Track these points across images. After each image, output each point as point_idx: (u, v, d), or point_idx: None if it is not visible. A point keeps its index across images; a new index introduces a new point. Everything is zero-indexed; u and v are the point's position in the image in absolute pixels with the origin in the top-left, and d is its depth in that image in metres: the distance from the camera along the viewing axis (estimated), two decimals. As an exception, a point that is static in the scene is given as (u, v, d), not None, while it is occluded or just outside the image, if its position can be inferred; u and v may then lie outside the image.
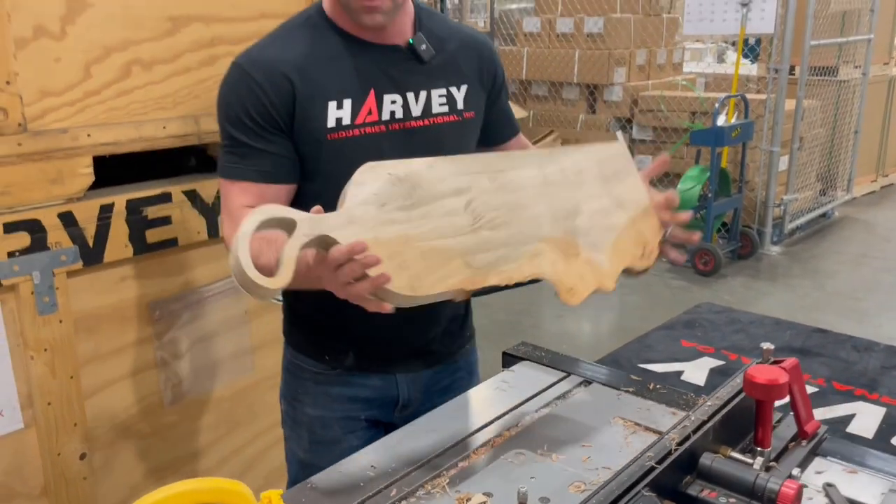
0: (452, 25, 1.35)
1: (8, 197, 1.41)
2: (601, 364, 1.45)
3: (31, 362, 1.50)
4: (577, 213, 1.16)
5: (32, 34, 1.42)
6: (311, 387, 1.37)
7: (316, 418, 1.36)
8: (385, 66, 1.21)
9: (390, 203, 1.00)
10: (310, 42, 1.21)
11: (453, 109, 1.28)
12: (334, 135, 1.19)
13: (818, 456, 1.04)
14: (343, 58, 1.21)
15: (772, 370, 0.99)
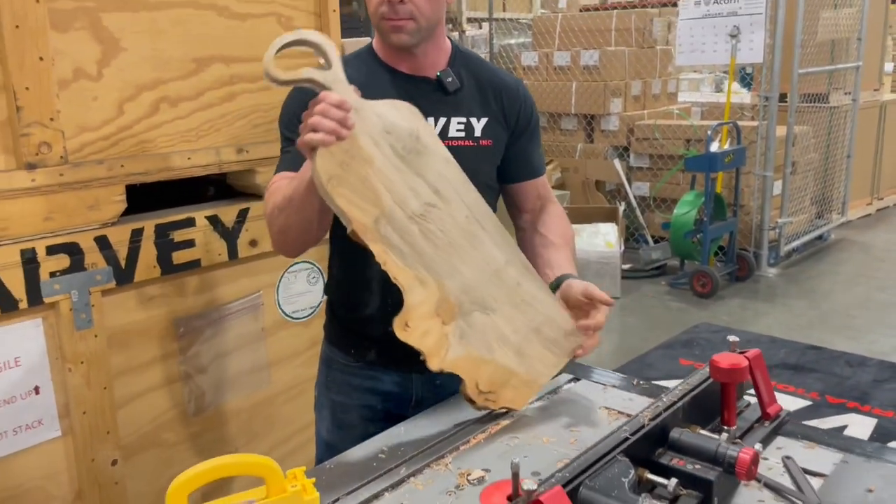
0: (489, 67, 1.52)
1: (51, 222, 1.56)
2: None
3: (69, 374, 1.63)
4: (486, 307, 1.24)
5: (73, 76, 1.58)
6: (338, 376, 1.55)
7: (339, 403, 1.54)
8: (413, 93, 1.38)
9: (393, 134, 1.17)
10: (356, 68, 1.39)
11: (470, 136, 1.44)
12: None
13: (780, 435, 1.17)
14: (380, 83, 1.40)
15: (734, 357, 1.12)
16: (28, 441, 1.61)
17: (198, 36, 1.76)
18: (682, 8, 4.99)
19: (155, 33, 1.69)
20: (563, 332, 1.29)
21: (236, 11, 1.81)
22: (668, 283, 4.94)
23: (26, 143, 1.51)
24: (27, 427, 1.60)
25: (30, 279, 1.54)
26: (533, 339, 1.26)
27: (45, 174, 1.54)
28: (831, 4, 5.52)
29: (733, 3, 4.74)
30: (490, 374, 1.22)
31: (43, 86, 1.51)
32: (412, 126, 1.23)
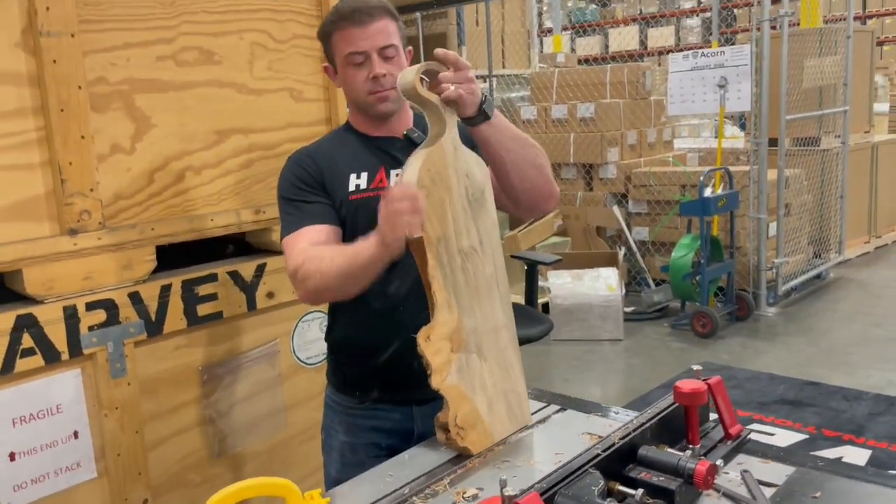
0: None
1: (90, 281, 1.74)
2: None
3: (105, 419, 1.79)
4: (481, 355, 1.44)
5: (109, 151, 1.78)
6: (344, 418, 1.70)
7: (346, 444, 1.68)
8: (390, 151, 1.65)
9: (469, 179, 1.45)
10: (339, 141, 1.69)
11: None
12: (354, 196, 1.60)
13: (741, 453, 1.31)
14: (361, 147, 1.66)
15: (695, 382, 1.27)
16: (68, 482, 1.76)
17: (219, 111, 1.96)
18: (672, 61, 5.23)
19: (181, 110, 1.89)
20: (520, 406, 1.49)
21: (253, 88, 2.02)
22: (670, 324, 5.07)
23: (69, 212, 1.70)
24: (67, 469, 1.76)
25: (71, 333, 1.72)
26: (501, 399, 1.45)
27: (86, 238, 1.73)
28: (815, 53, 5.75)
29: (720, 56, 4.98)
30: (466, 413, 1.38)
31: (84, 161, 1.71)
32: (482, 182, 1.48)
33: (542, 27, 9.62)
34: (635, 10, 12.56)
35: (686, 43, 11.77)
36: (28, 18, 1.63)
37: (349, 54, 1.57)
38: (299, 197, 1.60)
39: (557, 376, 4.36)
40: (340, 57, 1.59)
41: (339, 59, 1.61)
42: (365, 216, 1.58)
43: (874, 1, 12.28)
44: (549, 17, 9.84)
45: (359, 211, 1.59)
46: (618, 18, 12.64)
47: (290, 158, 1.68)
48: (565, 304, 4.83)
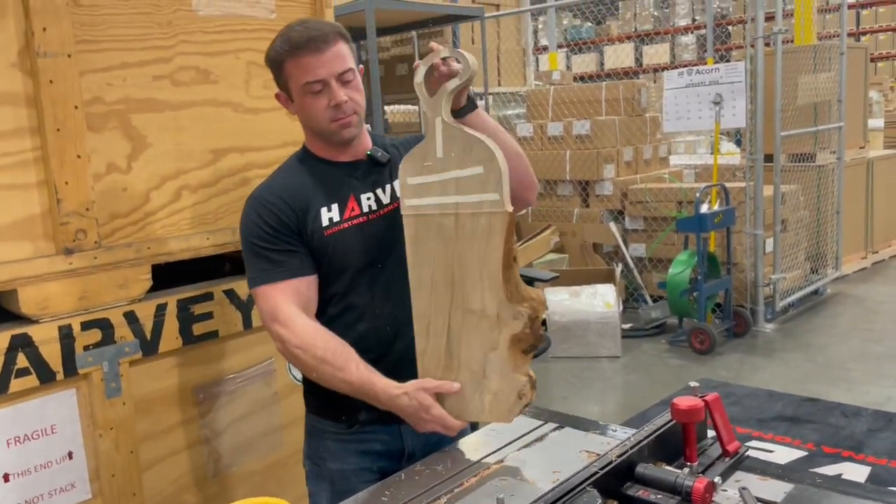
0: (392, 139, 1.80)
1: (85, 300, 1.73)
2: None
3: (100, 439, 1.78)
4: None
5: (105, 170, 1.78)
6: (331, 445, 1.66)
7: (336, 471, 1.64)
8: (356, 175, 1.65)
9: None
10: (301, 172, 1.65)
11: None
12: (329, 231, 1.59)
13: (739, 470, 1.31)
14: (325, 176, 1.63)
15: (692, 400, 1.27)
16: (62, 503, 1.75)
17: (215, 130, 1.97)
18: (667, 78, 5.26)
19: (177, 129, 1.90)
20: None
21: (249, 107, 2.02)
22: (668, 340, 5.07)
23: (65, 231, 1.70)
24: (61, 490, 1.74)
25: (66, 353, 1.71)
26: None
27: (81, 258, 1.72)
28: (810, 69, 5.79)
29: (714, 73, 5.01)
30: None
31: (80, 180, 1.71)
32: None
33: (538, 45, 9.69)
34: (630, 27, 12.66)
35: (681, 60, 11.86)
36: (25, 39, 1.64)
37: (307, 83, 1.54)
38: (272, 246, 1.56)
39: (556, 394, 4.34)
40: (297, 86, 1.56)
41: (295, 88, 1.57)
42: (341, 249, 1.58)
43: (868, 17, 12.40)
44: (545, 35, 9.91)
45: (335, 244, 1.58)
46: (613, 36, 12.74)
47: (254, 199, 1.62)
48: (563, 321, 4.82)
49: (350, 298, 1.61)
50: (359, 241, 1.60)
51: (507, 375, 1.39)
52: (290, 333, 1.51)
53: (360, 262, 1.61)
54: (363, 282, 1.61)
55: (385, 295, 1.62)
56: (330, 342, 1.50)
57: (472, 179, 1.38)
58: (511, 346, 1.38)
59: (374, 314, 1.61)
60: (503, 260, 1.35)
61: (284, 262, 1.56)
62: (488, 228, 1.36)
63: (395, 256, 1.61)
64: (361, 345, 1.58)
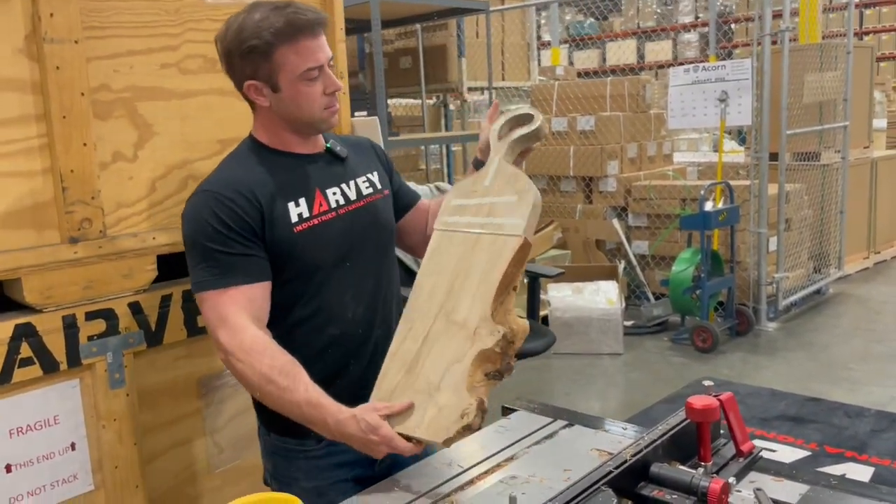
0: (344, 136, 1.77)
1: (90, 290, 1.71)
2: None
3: (103, 431, 1.76)
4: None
5: (111, 159, 1.76)
6: (302, 464, 1.54)
7: (311, 489, 1.53)
8: (318, 168, 1.58)
9: None
10: (256, 164, 1.54)
11: (376, 190, 1.66)
12: (299, 227, 1.50)
13: (753, 470, 1.29)
14: (285, 168, 1.55)
15: (707, 399, 1.25)
16: (64, 495, 1.73)
17: (221, 119, 1.94)
18: (673, 75, 5.23)
19: (183, 118, 1.88)
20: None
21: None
22: (670, 338, 5.05)
23: (70, 220, 1.67)
24: (63, 481, 1.73)
25: (70, 343, 1.69)
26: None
27: (86, 247, 1.70)
28: (816, 68, 5.77)
29: (720, 70, 4.99)
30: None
31: (86, 168, 1.69)
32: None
33: (541, 40, 9.66)
34: (633, 24, 12.63)
35: (684, 57, 11.84)
36: (31, 24, 1.61)
37: (308, 70, 1.44)
38: (224, 248, 1.43)
39: (559, 390, 4.33)
40: (293, 73, 1.44)
41: (288, 76, 1.44)
42: (312, 246, 1.50)
43: (871, 17, 12.36)
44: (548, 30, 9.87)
45: (305, 242, 1.49)
46: (616, 32, 12.70)
47: (206, 194, 1.47)
48: (565, 317, 4.81)
49: (322, 298, 1.52)
50: (330, 238, 1.53)
51: (459, 391, 1.27)
52: (237, 346, 1.38)
53: (331, 259, 1.53)
54: (334, 280, 1.53)
55: (355, 294, 1.55)
56: (278, 359, 1.37)
57: (504, 205, 1.39)
58: (476, 363, 1.28)
59: (344, 315, 1.54)
60: (503, 280, 1.30)
61: (238, 266, 1.43)
62: (501, 247, 1.34)
63: (363, 254, 1.57)
64: (332, 349, 1.53)
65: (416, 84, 6.78)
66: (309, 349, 1.51)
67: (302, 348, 1.48)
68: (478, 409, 1.24)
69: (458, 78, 6.70)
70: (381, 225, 1.64)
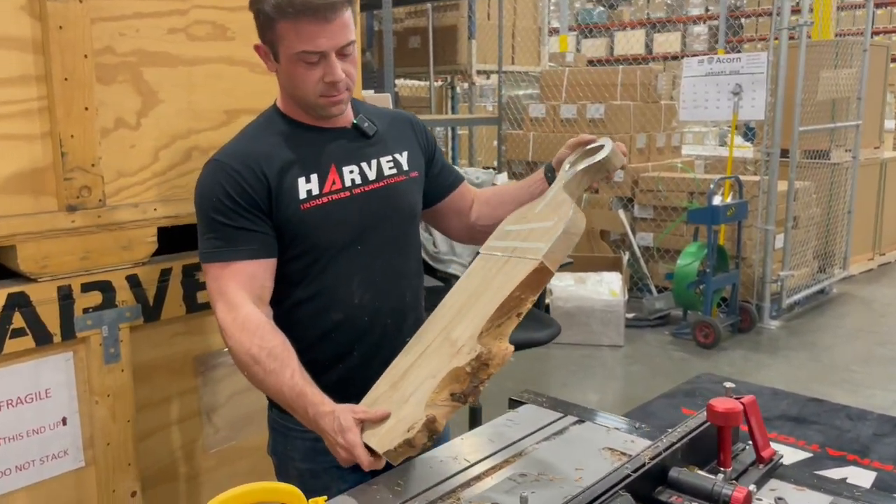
0: (379, 109, 1.65)
1: (87, 261, 1.65)
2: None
3: (96, 406, 1.71)
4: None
5: (114, 125, 1.69)
6: (299, 444, 1.49)
7: (306, 471, 1.49)
8: (339, 145, 1.49)
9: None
10: (273, 134, 1.47)
11: (400, 171, 1.55)
12: (307, 204, 1.42)
13: (773, 478, 1.24)
14: (303, 142, 1.46)
15: (730, 401, 1.19)
16: (53, 471, 1.67)
17: (229, 89, 1.87)
18: (686, 66, 5.15)
19: (190, 86, 1.80)
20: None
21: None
22: (671, 332, 5.00)
23: (68, 187, 1.61)
24: (53, 457, 1.67)
25: (64, 314, 1.63)
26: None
27: (84, 216, 1.64)
28: (831, 65, 5.68)
29: (735, 63, 4.90)
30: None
31: (87, 134, 1.62)
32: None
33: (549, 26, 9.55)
34: (643, 13, 12.51)
35: (691, 50, 11.73)
36: (34, -20, 1.54)
37: (304, 52, 1.33)
38: (230, 221, 1.38)
39: (556, 381, 4.28)
40: (289, 51, 1.35)
41: (286, 52, 1.36)
42: (319, 226, 1.42)
43: (883, 17, 12.24)
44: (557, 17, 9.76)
45: (311, 220, 1.42)
46: (625, 21, 12.58)
47: (216, 165, 1.42)
48: (567, 306, 4.75)
49: (327, 281, 1.45)
50: (339, 219, 1.44)
51: (419, 405, 1.19)
52: (230, 321, 1.35)
53: (338, 241, 1.45)
54: (340, 264, 1.45)
55: (364, 279, 1.47)
56: (269, 341, 1.32)
57: (540, 230, 1.35)
58: (446, 381, 1.20)
59: (350, 300, 1.46)
60: (506, 301, 1.23)
61: (242, 240, 1.38)
62: (517, 269, 1.28)
63: (376, 238, 1.49)
64: (335, 333, 1.47)
65: (425, 65, 6.70)
66: (310, 331, 1.46)
67: (303, 330, 1.44)
68: (425, 426, 1.15)
69: (467, 60, 6.61)
70: (401, 209, 1.54)
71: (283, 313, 1.45)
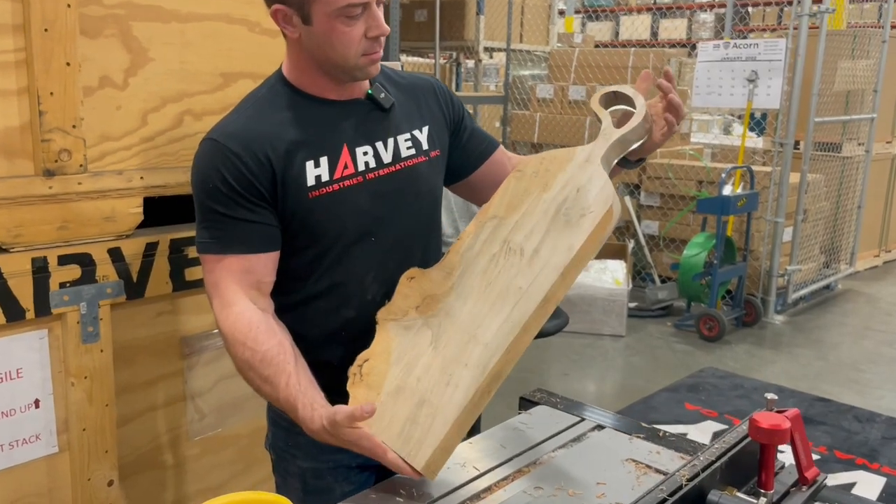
0: (400, 73, 1.45)
1: (65, 231, 1.51)
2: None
3: (71, 389, 1.58)
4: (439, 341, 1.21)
5: (98, 84, 1.55)
6: (301, 440, 1.33)
7: (308, 469, 1.38)
8: (352, 120, 1.30)
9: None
10: (278, 109, 1.28)
11: (420, 151, 1.37)
12: (315, 192, 1.25)
13: (818, 502, 1.12)
14: (312, 119, 1.28)
15: (775, 416, 1.07)
16: (24, 456, 1.55)
17: (227, 50, 1.73)
18: (701, 50, 4.99)
19: (184, 45, 1.66)
20: (420, 439, 1.13)
21: (267, 28, 1.78)
22: (674, 324, 4.89)
23: (46, 150, 1.47)
24: (24, 441, 1.55)
25: (39, 289, 1.50)
26: (411, 403, 1.16)
27: (63, 182, 1.50)
28: (848, 55, 5.53)
29: (752, 49, 4.75)
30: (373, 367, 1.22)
31: (68, 92, 1.48)
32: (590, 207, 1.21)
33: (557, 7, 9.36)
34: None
35: (698, 37, 11.54)
36: (13, -82, 1.39)
37: (347, 6, 1.18)
38: (228, 211, 1.23)
39: (556, 370, 4.17)
40: (329, 6, 1.18)
41: (322, 10, 1.19)
42: (328, 216, 1.26)
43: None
44: (563, -2, 9.56)
45: (320, 210, 1.26)
46: (631, 6, 12.37)
47: (213, 146, 1.25)
48: (569, 294, 4.61)
49: (338, 275, 1.30)
50: (351, 208, 1.28)
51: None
52: (223, 320, 1.23)
53: (352, 232, 1.29)
54: (354, 257, 1.30)
55: (378, 274, 1.32)
56: (263, 343, 1.20)
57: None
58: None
59: (363, 297, 1.32)
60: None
61: (239, 232, 1.24)
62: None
63: (392, 229, 1.32)
64: (346, 332, 1.32)
65: (430, 39, 6.51)
66: (319, 329, 1.31)
67: (312, 327, 1.30)
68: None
69: (474, 36, 6.43)
70: (421, 195, 1.37)
71: (292, 308, 1.31)
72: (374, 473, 1.39)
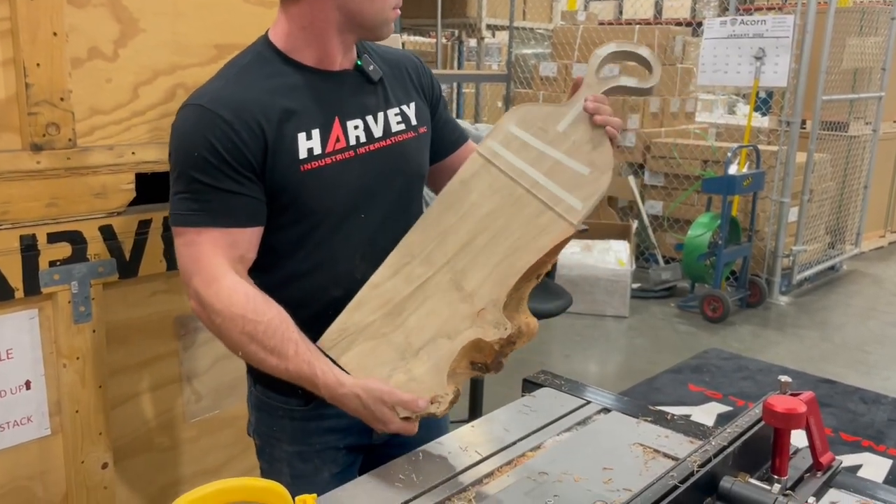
0: (385, 48, 1.40)
1: (54, 208, 1.47)
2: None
3: (63, 370, 1.54)
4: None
5: (87, 55, 1.49)
6: (286, 424, 1.33)
7: (295, 454, 1.34)
8: (343, 92, 1.25)
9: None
10: (267, 77, 1.22)
11: (409, 126, 1.33)
12: (307, 165, 1.20)
13: (832, 487, 1.08)
14: (304, 89, 1.22)
15: (791, 400, 1.03)
16: (15, 439, 1.51)
17: (221, 22, 1.67)
18: (708, 27, 4.91)
19: (176, 16, 1.60)
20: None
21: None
22: (677, 305, 4.85)
23: (33, 123, 1.42)
24: (16, 423, 1.51)
25: (28, 267, 1.45)
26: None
27: (51, 157, 1.45)
28: (856, 32, 5.44)
29: (760, 25, 4.66)
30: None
31: (55, 63, 1.42)
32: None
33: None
34: (655, -25, 12.13)
35: (702, 16, 11.40)
36: None
37: None
38: (214, 181, 1.16)
39: (558, 351, 4.13)
40: None
41: None
42: (318, 190, 1.21)
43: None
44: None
45: (310, 184, 1.21)
46: (637, -17, 12.21)
47: (201, 110, 1.17)
48: (571, 274, 4.59)
49: (326, 253, 1.26)
50: (341, 182, 1.24)
51: (438, 372, 1.12)
52: (213, 296, 1.16)
53: (340, 208, 1.25)
54: (343, 233, 1.26)
55: (367, 252, 1.27)
56: (264, 314, 1.15)
57: (571, 174, 1.17)
58: (466, 350, 1.12)
59: (351, 276, 1.26)
60: (531, 266, 1.12)
61: (225, 204, 1.17)
62: (545, 227, 1.14)
63: (381, 205, 1.28)
64: (333, 312, 1.25)
65: (432, 16, 6.41)
66: (305, 310, 1.24)
67: (294, 308, 1.22)
68: (451, 403, 1.11)
69: (476, 13, 6.33)
70: (410, 171, 1.33)
71: (274, 287, 1.24)
72: (362, 455, 1.36)
